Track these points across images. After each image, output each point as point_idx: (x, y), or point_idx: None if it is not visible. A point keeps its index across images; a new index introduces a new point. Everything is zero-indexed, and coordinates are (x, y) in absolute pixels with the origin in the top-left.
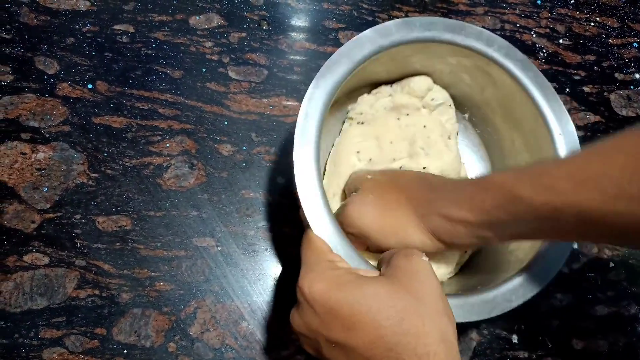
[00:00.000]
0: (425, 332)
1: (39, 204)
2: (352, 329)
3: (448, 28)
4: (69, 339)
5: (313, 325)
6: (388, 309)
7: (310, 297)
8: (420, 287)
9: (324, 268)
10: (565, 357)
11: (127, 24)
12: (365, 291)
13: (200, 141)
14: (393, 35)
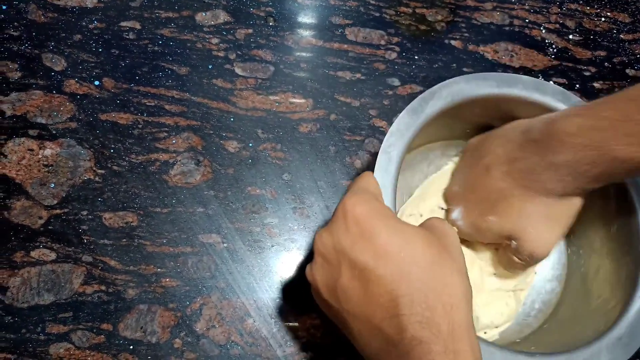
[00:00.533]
0: (453, 282)
1: (46, 200)
2: (384, 257)
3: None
4: (76, 335)
5: (344, 244)
6: (423, 249)
7: (352, 215)
8: (451, 246)
9: (372, 197)
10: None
11: (133, 21)
12: (406, 227)
13: (206, 138)
14: (489, 87)
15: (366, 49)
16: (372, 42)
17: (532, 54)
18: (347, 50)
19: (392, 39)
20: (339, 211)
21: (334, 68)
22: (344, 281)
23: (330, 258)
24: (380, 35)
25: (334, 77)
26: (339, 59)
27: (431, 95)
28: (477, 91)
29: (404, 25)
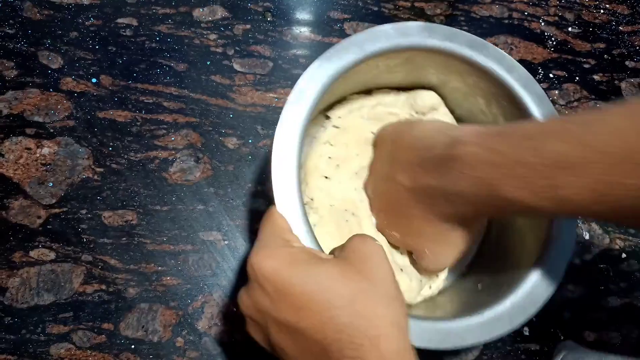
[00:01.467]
0: (377, 314)
1: (44, 199)
2: (302, 308)
3: (470, 44)
4: (76, 335)
5: (262, 305)
6: (340, 289)
7: (261, 273)
8: (373, 271)
9: (278, 245)
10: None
11: (130, 17)
12: (318, 270)
13: (205, 134)
14: (412, 36)
15: None
16: None
17: (531, 47)
18: None
19: None
20: (249, 271)
21: None
22: (275, 337)
23: (255, 318)
24: None
25: None
26: None
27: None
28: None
29: (403, 20)
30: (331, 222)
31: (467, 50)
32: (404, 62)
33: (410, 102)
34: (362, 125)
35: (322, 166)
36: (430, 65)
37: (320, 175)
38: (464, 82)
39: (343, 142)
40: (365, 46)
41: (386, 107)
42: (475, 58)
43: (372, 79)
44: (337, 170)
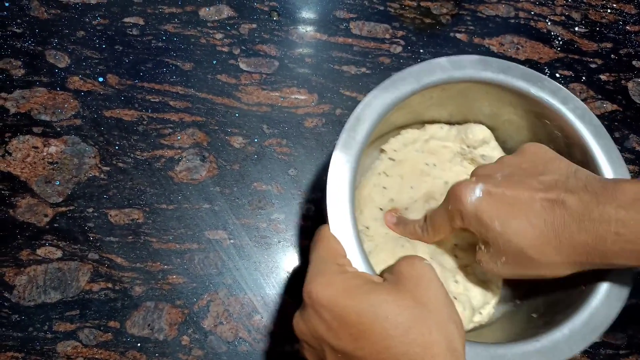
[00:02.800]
0: (432, 341)
1: (51, 197)
2: (359, 338)
3: (525, 76)
4: (83, 332)
5: (319, 332)
6: (395, 317)
7: (318, 302)
8: (425, 294)
9: (333, 272)
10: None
11: (137, 17)
12: (373, 299)
13: (211, 133)
14: (466, 69)
15: (371, 43)
16: (377, 36)
17: (537, 47)
18: (351, 45)
19: (397, 32)
20: (305, 299)
21: (339, 62)
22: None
23: (311, 343)
24: (385, 29)
25: (338, 72)
26: (344, 53)
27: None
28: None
29: (409, 19)
30: (386, 249)
31: (521, 82)
32: (456, 95)
33: (461, 136)
34: (416, 158)
35: (376, 197)
36: (483, 98)
37: (375, 206)
38: (516, 114)
39: (398, 173)
40: (421, 78)
41: (439, 140)
42: (529, 89)
43: (425, 110)
44: (390, 202)
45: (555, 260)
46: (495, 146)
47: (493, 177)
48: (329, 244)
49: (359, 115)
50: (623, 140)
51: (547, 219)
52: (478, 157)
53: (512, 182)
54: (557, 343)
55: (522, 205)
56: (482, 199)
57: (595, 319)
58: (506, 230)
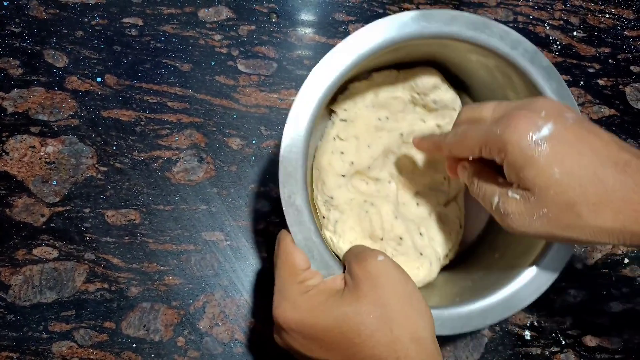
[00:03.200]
0: (394, 338)
1: (48, 197)
2: (330, 349)
3: (471, 25)
4: (78, 333)
5: (294, 347)
6: (358, 327)
7: (287, 326)
8: (383, 294)
9: (296, 294)
10: (579, 353)
11: (136, 17)
12: (336, 313)
13: (209, 135)
14: (409, 27)
15: None
16: None
17: None
18: None
19: None
20: (275, 322)
21: None
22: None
23: (292, 353)
24: None
25: None
26: None
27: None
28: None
29: None
30: (352, 216)
31: (469, 32)
32: (401, 47)
33: (410, 84)
34: (368, 114)
35: (336, 165)
36: (430, 48)
37: (337, 174)
38: (465, 58)
39: (353, 135)
40: (362, 48)
41: (388, 92)
42: (478, 38)
43: (369, 63)
44: (351, 166)
45: (608, 225)
46: (446, 89)
47: (564, 118)
48: (288, 261)
49: (297, 114)
50: None
51: (618, 177)
52: (430, 103)
53: (583, 130)
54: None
55: (593, 157)
56: (548, 139)
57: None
58: (565, 180)
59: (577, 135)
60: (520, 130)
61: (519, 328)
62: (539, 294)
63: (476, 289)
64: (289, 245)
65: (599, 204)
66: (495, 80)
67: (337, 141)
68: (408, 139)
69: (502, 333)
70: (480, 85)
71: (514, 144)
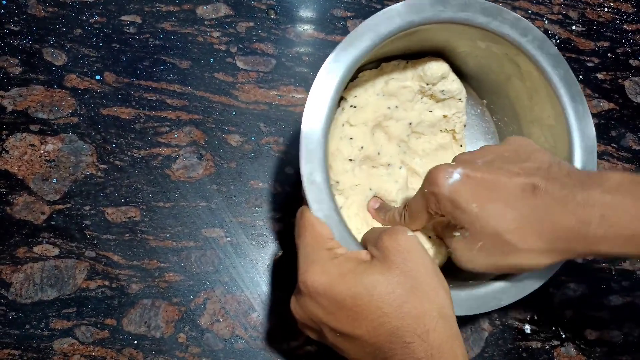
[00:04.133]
0: (424, 311)
1: (48, 195)
2: (356, 319)
3: (485, 11)
4: (80, 330)
5: (318, 316)
6: (388, 296)
7: (314, 290)
8: (413, 267)
9: (325, 259)
10: (579, 347)
11: (134, 15)
12: (366, 281)
13: (208, 132)
14: (426, 11)
15: None
16: None
17: None
18: None
19: None
20: (301, 287)
21: None
22: (331, 340)
23: (310, 325)
24: None
25: None
26: None
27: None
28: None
29: None
30: (357, 202)
31: (481, 17)
32: (413, 33)
33: (419, 74)
34: (378, 102)
35: (344, 150)
36: (441, 35)
37: (344, 158)
38: (474, 46)
39: (362, 121)
40: (380, 30)
41: (398, 81)
42: (490, 24)
43: (380, 49)
44: (360, 151)
45: (535, 246)
46: (453, 79)
47: (473, 162)
48: (314, 230)
49: (320, 86)
50: (620, 138)
51: (528, 202)
52: (438, 93)
53: (492, 167)
54: (530, 274)
55: (501, 189)
56: (460, 181)
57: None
58: (484, 213)
59: (485, 173)
60: (437, 180)
61: (519, 322)
62: (552, 273)
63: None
64: (312, 216)
65: (520, 228)
66: (502, 69)
67: (346, 127)
68: (417, 129)
69: (502, 327)
70: (484, 76)
71: (439, 194)
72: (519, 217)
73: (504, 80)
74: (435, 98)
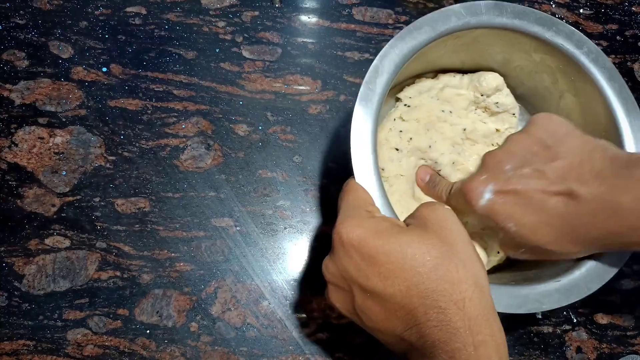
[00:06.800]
0: (460, 277)
1: (58, 187)
2: (388, 276)
3: (539, 21)
4: (92, 320)
5: (349, 272)
6: (423, 256)
7: (349, 242)
8: (450, 235)
9: (362, 216)
10: (591, 331)
11: (139, 6)
12: (401, 239)
13: (215, 122)
14: (482, 15)
15: (374, 29)
16: (380, 21)
17: None
18: (354, 30)
19: (400, 17)
20: (335, 239)
21: (342, 48)
22: (360, 303)
23: (340, 285)
24: (387, 14)
25: (342, 58)
26: (347, 39)
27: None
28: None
29: (412, 4)
30: (400, 190)
31: (536, 27)
32: (470, 42)
33: (474, 84)
34: (432, 105)
35: (392, 139)
36: (496, 44)
37: (391, 147)
38: (529, 59)
39: (415, 118)
40: (437, 25)
41: (453, 88)
42: (544, 34)
43: (438, 58)
44: (409, 143)
45: (573, 250)
46: (507, 93)
47: (503, 173)
48: (357, 194)
49: (377, 67)
50: None
51: (561, 214)
52: (492, 105)
53: (523, 177)
54: (577, 281)
55: (535, 204)
56: (494, 200)
57: (610, 258)
58: (521, 230)
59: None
60: (472, 201)
61: None
62: (602, 283)
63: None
64: (358, 185)
65: (558, 240)
66: (556, 86)
67: (397, 121)
68: (471, 135)
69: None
70: (538, 95)
71: (476, 212)
72: (554, 231)
73: (557, 98)
74: (489, 111)
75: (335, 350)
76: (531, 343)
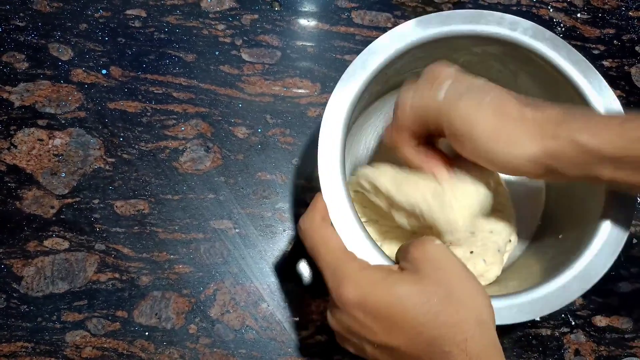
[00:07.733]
0: (461, 319)
1: (57, 189)
2: (392, 329)
3: (466, 19)
4: (91, 322)
5: (354, 330)
6: (423, 306)
7: (349, 304)
8: (445, 275)
9: (354, 270)
10: (589, 334)
11: (139, 9)
12: (400, 291)
13: (215, 124)
14: (409, 36)
15: (373, 32)
16: (379, 24)
17: None
18: (353, 34)
19: (399, 21)
20: (337, 303)
21: (341, 52)
22: (369, 352)
23: (348, 336)
24: (386, 18)
25: (341, 61)
26: (346, 42)
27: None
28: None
29: (410, 7)
30: None
31: (464, 26)
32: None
33: None
34: None
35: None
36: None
37: None
38: (472, 53)
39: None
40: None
41: None
42: (475, 29)
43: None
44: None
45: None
46: None
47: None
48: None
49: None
50: None
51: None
52: None
53: None
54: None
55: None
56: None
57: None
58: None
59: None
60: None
61: None
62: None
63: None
64: (330, 231)
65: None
66: (507, 68)
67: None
68: None
69: None
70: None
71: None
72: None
73: (513, 78)
74: None
75: (334, 353)
76: (529, 346)
